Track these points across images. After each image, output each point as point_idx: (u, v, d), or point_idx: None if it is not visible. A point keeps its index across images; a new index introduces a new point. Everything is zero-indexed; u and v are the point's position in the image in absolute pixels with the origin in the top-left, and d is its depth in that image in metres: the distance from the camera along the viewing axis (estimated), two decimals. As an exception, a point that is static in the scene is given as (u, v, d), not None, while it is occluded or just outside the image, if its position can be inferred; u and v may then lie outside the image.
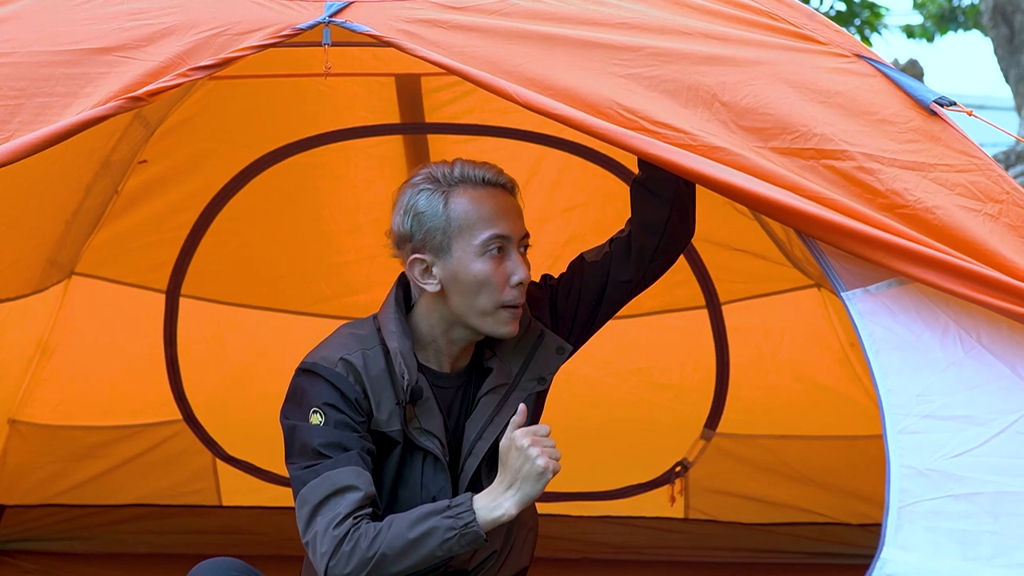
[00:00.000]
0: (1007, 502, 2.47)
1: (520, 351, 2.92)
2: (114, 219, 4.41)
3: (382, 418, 2.78)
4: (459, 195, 2.78)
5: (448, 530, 2.62)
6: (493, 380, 2.88)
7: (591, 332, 3.07)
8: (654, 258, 2.99)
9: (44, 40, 2.67)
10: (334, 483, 2.68)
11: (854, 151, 2.58)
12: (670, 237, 2.98)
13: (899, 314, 2.54)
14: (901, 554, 2.47)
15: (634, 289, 3.03)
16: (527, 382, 2.91)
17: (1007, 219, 2.57)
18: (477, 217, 2.77)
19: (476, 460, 2.85)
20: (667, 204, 2.94)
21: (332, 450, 2.71)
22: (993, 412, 2.49)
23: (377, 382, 2.78)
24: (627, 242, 3.00)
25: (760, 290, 4.53)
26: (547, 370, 2.92)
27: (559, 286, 3.03)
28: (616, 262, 3.00)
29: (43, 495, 4.71)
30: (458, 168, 2.81)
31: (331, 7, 2.66)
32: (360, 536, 2.64)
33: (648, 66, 2.63)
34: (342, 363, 2.78)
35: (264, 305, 4.65)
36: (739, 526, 4.66)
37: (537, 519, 3.14)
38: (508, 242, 2.79)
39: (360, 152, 4.37)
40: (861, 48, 2.74)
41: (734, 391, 4.60)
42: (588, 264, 3.02)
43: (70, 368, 4.62)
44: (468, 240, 2.77)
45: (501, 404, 2.88)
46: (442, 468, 2.83)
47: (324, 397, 2.75)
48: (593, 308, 3.02)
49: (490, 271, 2.77)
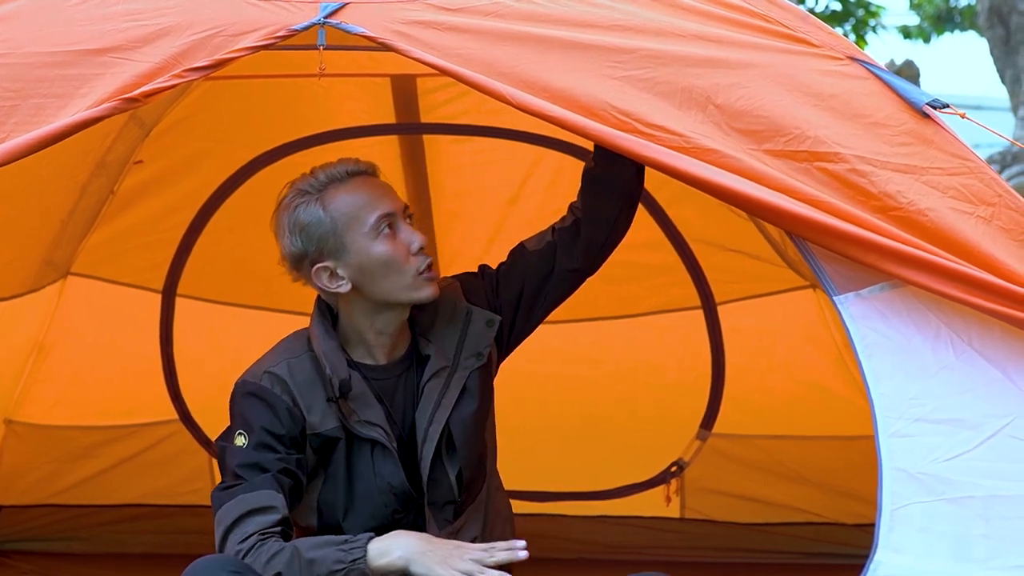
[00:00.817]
0: (999, 505, 2.47)
1: (452, 333, 2.98)
2: (110, 219, 4.40)
3: (315, 420, 2.86)
4: (332, 195, 2.87)
5: (337, 562, 2.69)
6: (433, 365, 2.95)
7: (536, 320, 3.11)
8: (601, 250, 3.06)
9: (39, 41, 2.68)
10: (248, 505, 2.76)
11: (847, 154, 2.59)
12: (618, 231, 3.05)
13: (891, 318, 2.55)
14: (894, 556, 2.47)
15: (580, 278, 3.09)
16: (466, 360, 2.97)
17: (999, 222, 2.58)
18: (358, 206, 2.86)
19: (432, 444, 2.91)
20: (620, 200, 3.01)
21: (249, 471, 2.80)
22: (985, 416, 2.50)
23: (305, 387, 2.87)
24: (574, 231, 3.04)
25: (756, 291, 4.53)
26: (482, 344, 2.98)
27: (499, 274, 3.09)
28: (563, 251, 3.04)
29: (39, 495, 4.70)
30: (320, 173, 2.91)
31: (326, 8, 2.66)
32: (262, 552, 2.71)
33: (642, 68, 2.63)
34: (267, 376, 2.87)
35: (260, 305, 4.64)
36: (735, 526, 4.66)
37: (511, 509, 3.19)
38: (394, 217, 2.88)
39: (355, 152, 4.27)
40: (855, 51, 2.75)
41: (730, 391, 4.60)
42: (530, 253, 3.07)
43: (66, 368, 4.61)
44: (358, 230, 2.85)
45: (445, 387, 2.94)
46: (391, 454, 2.88)
47: (249, 416, 2.85)
48: (535, 295, 3.06)
49: (390, 248, 2.86)
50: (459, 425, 2.94)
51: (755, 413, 4.60)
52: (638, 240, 4.46)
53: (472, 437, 2.96)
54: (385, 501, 2.90)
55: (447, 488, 2.94)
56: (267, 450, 2.82)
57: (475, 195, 4.47)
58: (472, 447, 2.96)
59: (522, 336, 3.11)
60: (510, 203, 4.46)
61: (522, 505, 4.55)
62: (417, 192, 4.44)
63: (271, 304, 4.62)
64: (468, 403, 2.95)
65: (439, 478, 2.93)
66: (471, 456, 2.96)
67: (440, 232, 4.53)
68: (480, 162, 4.41)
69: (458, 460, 2.94)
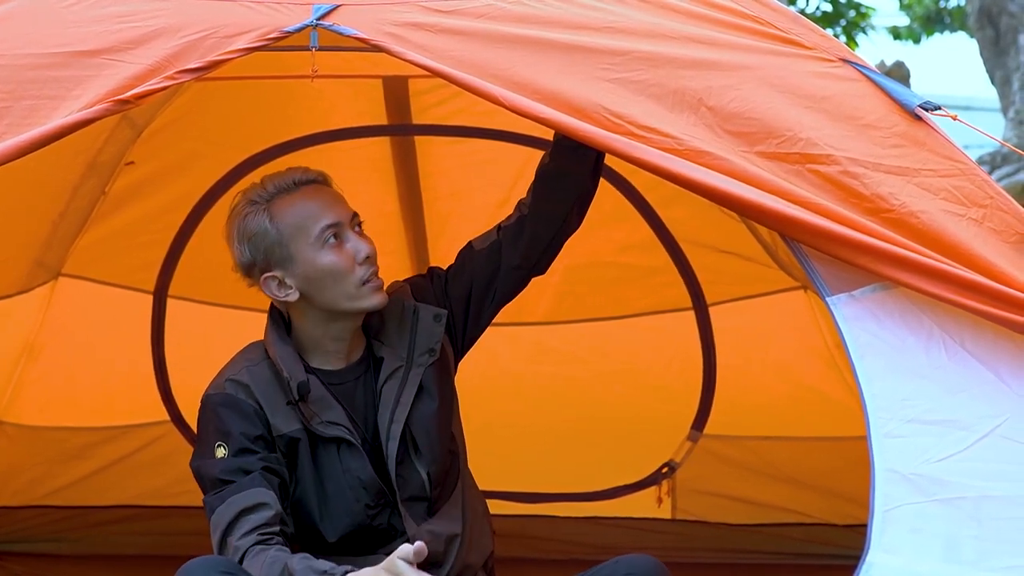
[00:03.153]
0: (991, 506, 2.48)
1: (403, 332, 3.00)
2: (101, 220, 4.40)
3: (278, 423, 2.88)
4: (279, 205, 2.89)
5: None
6: (388, 367, 2.97)
7: (487, 318, 3.12)
8: (547, 248, 3.06)
9: (31, 43, 2.67)
10: (239, 505, 2.78)
11: (839, 155, 2.59)
12: (566, 231, 3.06)
13: (884, 319, 2.56)
14: (886, 557, 2.48)
15: (528, 274, 3.09)
16: (419, 358, 2.99)
17: (991, 224, 2.59)
18: (303, 217, 2.88)
19: (395, 443, 2.93)
20: (571, 199, 3.01)
21: (234, 475, 2.82)
22: (977, 417, 2.51)
23: (266, 391, 2.89)
24: (518, 228, 3.05)
25: (747, 292, 4.53)
26: (432, 340, 3.00)
27: (448, 276, 3.10)
28: (507, 248, 3.05)
29: (31, 497, 4.69)
30: (269, 183, 2.93)
31: (319, 10, 2.66)
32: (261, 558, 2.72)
33: (635, 70, 2.64)
34: (230, 383, 2.91)
35: (251, 306, 4.58)
36: (726, 527, 4.66)
37: (486, 505, 3.19)
38: (340, 227, 2.89)
39: (347, 154, 4.37)
40: (846, 52, 2.75)
41: (721, 392, 4.61)
42: (477, 252, 3.08)
43: (57, 369, 4.61)
44: (304, 241, 2.87)
45: (402, 386, 2.96)
46: (356, 449, 2.91)
47: (223, 425, 2.86)
48: (483, 295, 3.08)
49: (335, 259, 2.87)
50: (419, 423, 2.96)
51: (746, 414, 4.60)
52: (630, 241, 4.51)
53: (436, 434, 2.98)
54: (357, 496, 2.91)
55: (418, 485, 2.95)
56: (248, 454, 2.84)
57: (467, 196, 4.47)
58: (437, 444, 2.98)
59: (475, 335, 3.13)
60: (499, 206, 4.46)
61: (513, 506, 4.56)
62: (409, 193, 4.44)
63: (262, 306, 4.59)
64: (427, 401, 2.97)
65: (408, 475, 2.95)
66: (438, 452, 2.98)
67: (432, 233, 4.53)
68: (472, 163, 4.41)
69: (426, 457, 2.95)
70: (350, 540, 2.93)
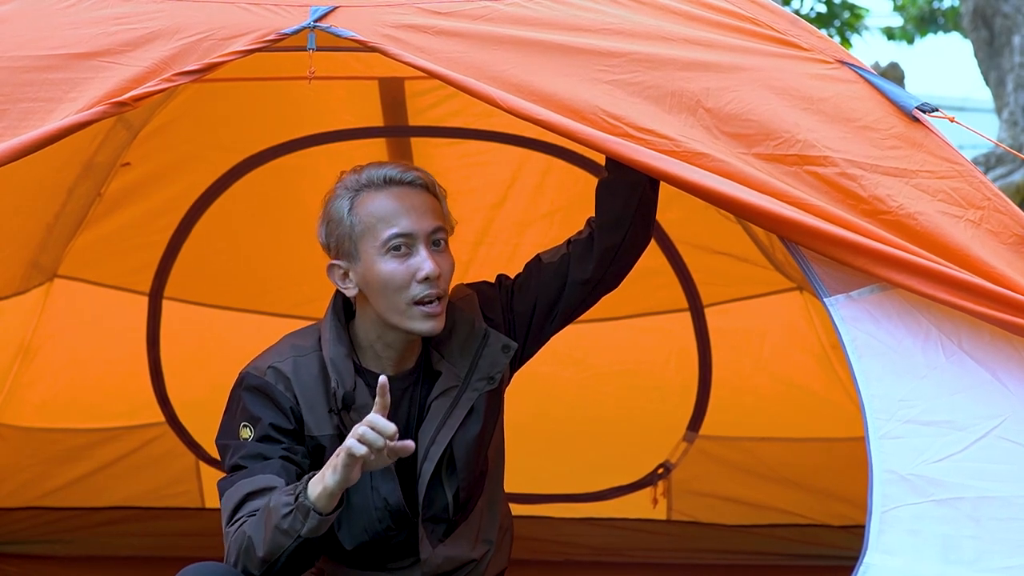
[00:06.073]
0: (988, 507, 2.48)
1: (467, 352, 2.92)
2: (97, 221, 4.40)
3: (312, 423, 2.82)
4: (363, 199, 2.81)
5: (285, 505, 2.62)
6: (443, 383, 2.90)
7: (548, 334, 3.07)
8: (615, 260, 2.99)
9: (28, 45, 2.67)
10: (245, 489, 2.73)
11: (837, 157, 2.60)
12: (632, 239, 2.99)
13: (881, 320, 2.56)
14: (884, 558, 2.48)
15: (593, 291, 3.03)
16: (476, 382, 2.92)
17: (988, 225, 2.59)
18: (377, 218, 2.79)
19: (432, 464, 2.87)
20: (632, 207, 2.94)
21: (251, 461, 2.77)
22: (975, 417, 2.51)
23: (308, 389, 2.83)
24: (588, 243, 3.00)
25: (742, 293, 4.54)
26: (495, 369, 2.93)
27: (515, 286, 3.04)
28: (576, 262, 3.00)
29: (25, 498, 4.69)
30: (365, 172, 2.84)
31: (316, 12, 2.66)
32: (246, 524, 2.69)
33: (632, 72, 2.64)
34: (271, 371, 2.83)
35: (247, 308, 4.64)
36: (721, 528, 4.67)
37: (512, 520, 3.14)
38: (412, 239, 2.79)
39: (344, 155, 4.36)
40: (844, 54, 2.76)
41: (716, 393, 4.61)
42: (545, 265, 3.03)
43: (52, 370, 4.61)
44: (371, 242, 2.79)
45: (452, 406, 2.89)
46: (390, 472, 2.84)
47: (253, 410, 2.81)
48: (550, 309, 3.02)
49: (393, 270, 2.78)
50: (462, 446, 2.89)
51: (742, 415, 4.61)
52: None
53: (474, 457, 2.92)
54: (380, 517, 2.87)
55: (442, 507, 2.90)
56: (271, 442, 2.78)
57: (462, 197, 4.46)
58: (472, 467, 2.92)
59: (532, 351, 3.06)
60: (496, 207, 4.47)
61: (509, 507, 4.56)
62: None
63: (258, 307, 4.63)
64: (473, 424, 2.90)
65: (435, 496, 2.89)
66: (470, 476, 2.92)
67: (428, 234, 4.53)
68: (468, 164, 4.41)
69: (456, 479, 2.89)
70: (364, 550, 2.90)
